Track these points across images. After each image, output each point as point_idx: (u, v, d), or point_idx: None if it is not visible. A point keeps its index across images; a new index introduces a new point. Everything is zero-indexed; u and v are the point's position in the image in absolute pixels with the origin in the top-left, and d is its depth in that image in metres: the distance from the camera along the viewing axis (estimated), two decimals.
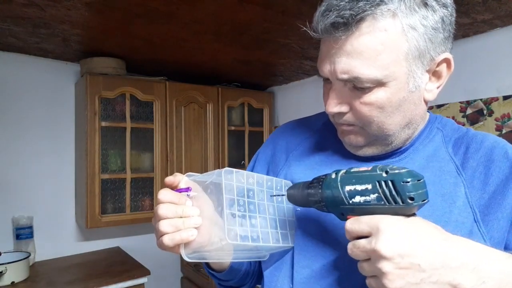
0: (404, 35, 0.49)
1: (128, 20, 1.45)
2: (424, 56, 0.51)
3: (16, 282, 1.63)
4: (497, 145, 0.57)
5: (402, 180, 0.41)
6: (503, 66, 1.52)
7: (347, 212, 0.47)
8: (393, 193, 0.42)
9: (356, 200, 0.45)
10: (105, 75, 1.95)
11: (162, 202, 0.54)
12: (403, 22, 0.48)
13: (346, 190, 0.46)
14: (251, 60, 2.06)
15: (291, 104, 2.66)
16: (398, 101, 0.53)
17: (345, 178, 0.46)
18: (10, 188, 1.95)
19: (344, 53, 0.50)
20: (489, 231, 0.52)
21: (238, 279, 0.71)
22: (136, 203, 2.09)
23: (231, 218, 0.52)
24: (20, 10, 1.35)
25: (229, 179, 0.54)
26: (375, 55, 0.49)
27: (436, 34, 0.51)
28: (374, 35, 0.48)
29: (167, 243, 0.52)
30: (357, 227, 0.44)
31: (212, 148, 2.36)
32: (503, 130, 1.52)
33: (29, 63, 1.99)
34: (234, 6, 1.32)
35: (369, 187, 0.43)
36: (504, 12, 1.34)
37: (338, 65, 0.51)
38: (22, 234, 1.90)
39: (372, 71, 0.49)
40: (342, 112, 0.55)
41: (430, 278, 0.40)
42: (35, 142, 2.03)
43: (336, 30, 0.49)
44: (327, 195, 0.48)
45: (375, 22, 0.48)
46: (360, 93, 0.52)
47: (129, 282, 1.78)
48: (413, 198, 0.41)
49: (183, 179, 0.58)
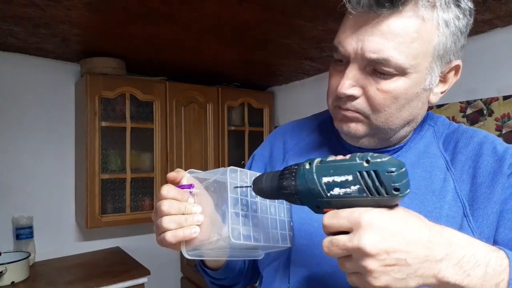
0: (438, 29, 0.49)
1: (128, 20, 1.45)
2: (445, 57, 0.52)
3: (16, 282, 1.63)
4: (486, 140, 0.57)
5: (386, 170, 0.38)
6: (503, 66, 1.52)
7: (323, 205, 0.43)
8: (377, 184, 0.38)
9: (334, 192, 0.41)
10: (105, 75, 1.95)
11: (165, 198, 0.53)
12: (440, 16, 0.49)
13: (323, 182, 0.41)
14: (251, 60, 2.06)
15: (291, 104, 2.66)
16: (412, 95, 0.53)
17: (321, 168, 0.42)
18: (10, 188, 1.95)
19: (378, 32, 0.48)
20: (479, 227, 0.52)
21: (231, 278, 0.72)
22: (136, 203, 2.09)
23: (235, 217, 0.52)
24: (20, 10, 1.35)
25: (234, 178, 0.54)
26: (410, 41, 0.48)
27: (461, 37, 0.52)
28: (413, 21, 0.48)
29: (170, 239, 0.51)
30: (335, 222, 0.41)
31: (212, 148, 2.36)
32: (503, 130, 1.52)
33: (29, 63, 1.99)
34: (234, 6, 1.32)
35: (350, 178, 0.40)
36: (504, 12, 1.34)
37: (368, 43, 0.49)
38: (22, 234, 1.90)
39: (402, 56, 0.49)
40: (353, 96, 0.53)
41: (416, 272, 0.39)
42: (35, 142, 2.03)
43: (380, 6, 0.47)
44: (302, 188, 0.43)
45: (416, 8, 0.48)
46: (379, 79, 0.51)
47: (129, 282, 1.78)
48: (398, 189, 0.38)
49: (186, 175, 0.57)
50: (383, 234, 0.38)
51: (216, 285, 0.73)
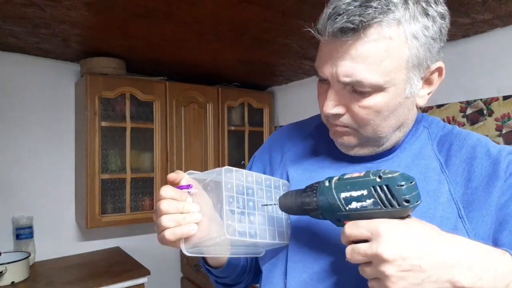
0: (407, 43, 0.50)
1: (128, 20, 1.45)
2: (422, 65, 0.53)
3: (16, 282, 1.63)
4: (479, 143, 0.58)
5: (397, 184, 0.43)
6: (503, 66, 1.52)
7: (343, 218, 0.48)
8: (389, 197, 0.43)
9: (352, 206, 0.46)
10: (105, 75, 1.95)
11: (164, 198, 0.56)
12: (407, 30, 0.50)
13: (341, 197, 0.47)
14: (251, 60, 2.06)
15: (291, 104, 2.66)
16: (394, 106, 0.54)
17: (339, 185, 0.47)
18: (10, 188, 1.95)
19: (348, 56, 0.51)
20: (474, 228, 0.53)
21: (235, 276, 0.73)
22: (136, 203, 2.09)
23: (230, 215, 0.54)
24: (20, 10, 1.35)
25: (229, 177, 0.56)
26: (379, 61, 0.50)
27: (434, 44, 0.53)
28: (379, 42, 0.49)
29: (169, 237, 0.54)
30: (356, 231, 0.45)
31: (212, 148, 2.36)
32: (503, 130, 1.52)
33: (29, 63, 1.99)
34: (234, 6, 1.32)
35: (365, 193, 0.45)
36: (504, 12, 1.34)
37: (341, 67, 0.52)
38: (22, 234, 1.90)
39: (374, 76, 0.51)
40: (338, 114, 0.56)
41: (430, 277, 0.41)
42: (35, 142, 2.03)
43: (344, 34, 0.49)
44: (323, 203, 0.49)
45: (381, 29, 0.49)
46: (359, 96, 0.53)
47: (129, 282, 1.78)
48: (408, 200, 0.43)
49: (185, 176, 0.60)
50: (399, 242, 0.42)
51: (220, 283, 0.75)
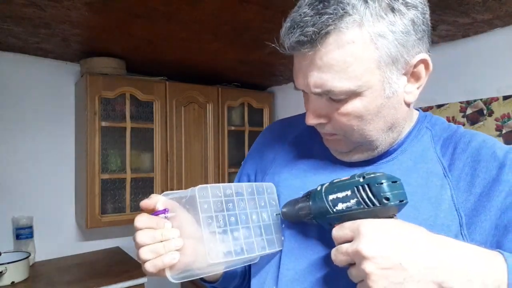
0: (373, 43, 0.47)
1: (128, 20, 1.45)
2: (398, 61, 0.50)
3: (16, 282, 1.63)
4: (484, 145, 0.54)
5: (377, 182, 0.44)
6: (503, 66, 1.52)
7: (333, 221, 0.49)
8: (370, 195, 0.44)
9: (339, 207, 0.47)
10: (105, 75, 1.95)
11: (140, 228, 0.52)
12: (370, 31, 0.47)
13: (329, 199, 0.48)
14: (251, 60, 2.06)
15: (291, 104, 2.66)
16: (376, 108, 0.52)
17: (328, 188, 0.49)
18: (10, 188, 1.95)
19: (314, 67, 0.49)
20: (471, 234, 0.50)
21: (235, 284, 0.71)
22: (136, 203, 2.08)
23: (211, 237, 0.51)
24: (20, 10, 1.35)
25: (204, 197, 0.52)
26: (346, 67, 0.48)
27: (408, 37, 0.49)
28: (342, 48, 0.47)
29: (150, 270, 0.51)
30: (341, 233, 0.46)
31: (212, 148, 2.36)
32: (503, 130, 1.52)
33: (29, 63, 1.99)
34: (234, 6, 1.32)
35: (349, 193, 0.46)
36: (504, 12, 1.34)
37: (310, 78, 0.50)
38: (22, 234, 1.90)
39: (344, 83, 0.49)
40: (322, 123, 0.56)
41: (413, 277, 0.40)
42: (35, 142, 2.03)
43: (302, 47, 0.48)
44: (314, 207, 0.51)
45: (341, 35, 0.47)
46: (336, 104, 0.52)
47: (129, 282, 1.78)
48: (388, 198, 0.43)
49: (160, 200, 0.56)
50: (379, 240, 0.42)
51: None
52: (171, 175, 2.18)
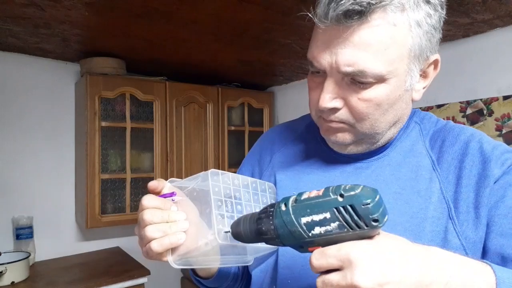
0: (410, 31, 0.48)
1: (128, 20, 1.45)
2: (422, 55, 0.51)
3: (16, 282, 1.63)
4: (473, 139, 0.55)
5: (362, 202, 0.38)
6: (503, 66, 1.52)
7: (307, 245, 0.42)
8: (355, 219, 0.38)
9: (316, 231, 0.40)
10: (105, 75, 1.95)
11: (147, 207, 0.52)
12: (411, 17, 0.47)
13: (302, 222, 0.41)
14: (251, 60, 2.06)
15: (291, 104, 2.66)
16: (394, 99, 0.52)
17: (298, 208, 0.41)
18: (10, 188, 1.95)
19: (350, 44, 0.47)
20: (464, 231, 0.50)
21: (227, 285, 0.71)
22: (136, 203, 2.08)
23: (220, 219, 0.51)
24: (20, 10, 1.35)
25: (216, 181, 0.53)
26: (384, 48, 0.47)
27: (435, 33, 0.51)
28: (384, 28, 0.47)
29: (156, 248, 0.51)
30: (324, 262, 0.39)
31: (212, 148, 2.36)
32: (503, 130, 1.52)
33: (29, 63, 1.99)
34: (234, 6, 1.32)
35: (328, 216, 0.39)
36: (504, 12, 1.34)
37: (342, 56, 0.48)
38: (22, 234, 1.90)
39: (378, 65, 0.48)
40: (335, 108, 0.53)
41: None
42: (35, 142, 2.03)
43: (348, 18, 0.46)
44: (282, 231, 0.42)
45: (385, 15, 0.46)
46: (358, 88, 0.50)
47: (129, 282, 1.78)
48: (377, 219, 0.38)
49: (166, 184, 0.57)
50: (374, 269, 0.37)
51: None
52: (171, 175, 2.18)
